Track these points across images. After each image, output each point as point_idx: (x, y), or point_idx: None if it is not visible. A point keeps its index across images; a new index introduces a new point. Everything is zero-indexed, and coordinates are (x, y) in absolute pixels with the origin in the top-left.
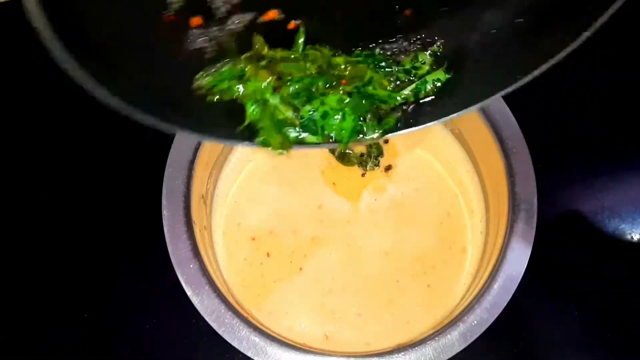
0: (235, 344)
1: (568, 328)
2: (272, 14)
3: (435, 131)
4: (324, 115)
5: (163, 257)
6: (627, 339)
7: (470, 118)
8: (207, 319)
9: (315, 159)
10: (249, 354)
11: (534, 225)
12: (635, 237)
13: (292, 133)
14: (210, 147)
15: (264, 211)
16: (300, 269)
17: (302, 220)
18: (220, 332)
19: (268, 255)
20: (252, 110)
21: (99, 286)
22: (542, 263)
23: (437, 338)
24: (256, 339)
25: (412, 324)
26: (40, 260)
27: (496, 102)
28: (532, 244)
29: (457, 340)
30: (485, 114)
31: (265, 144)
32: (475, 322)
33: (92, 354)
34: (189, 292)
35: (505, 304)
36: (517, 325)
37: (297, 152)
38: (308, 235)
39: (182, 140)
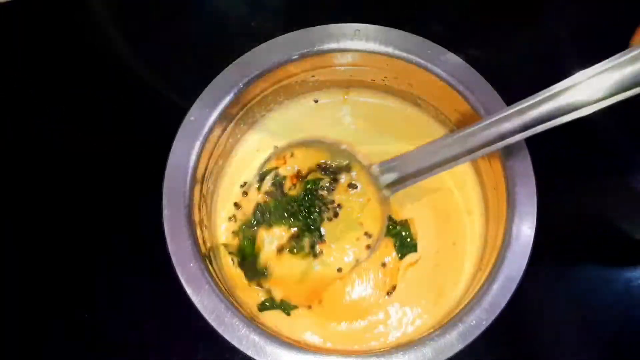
0: (235, 342)
1: (568, 328)
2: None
3: (435, 131)
4: None
5: (163, 257)
6: (627, 339)
7: (470, 118)
8: (207, 318)
9: None
10: (249, 353)
11: (534, 225)
12: (636, 237)
13: None
14: (211, 147)
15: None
16: None
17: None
18: (220, 331)
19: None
20: None
21: (100, 286)
22: (542, 263)
23: (436, 338)
24: (256, 338)
25: (412, 325)
26: (40, 260)
27: (496, 103)
28: (531, 244)
29: (456, 340)
30: (485, 113)
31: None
32: (474, 322)
33: (92, 353)
34: (189, 292)
35: (504, 304)
36: (517, 325)
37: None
38: None
39: (183, 140)
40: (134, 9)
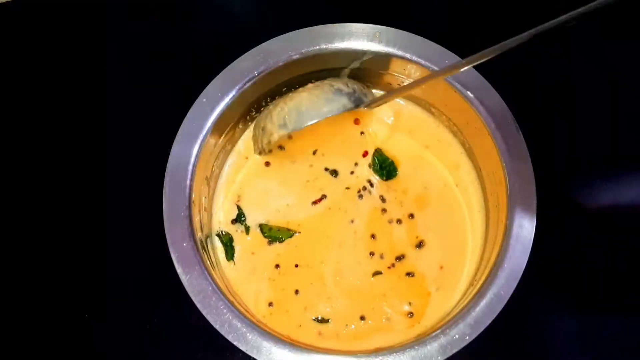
0: (217, 326)
1: (568, 328)
2: None
3: (434, 130)
4: None
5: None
6: (626, 339)
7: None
8: (193, 299)
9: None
10: (229, 338)
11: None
12: (635, 237)
13: None
14: (220, 129)
15: (266, 204)
16: (296, 265)
17: (300, 221)
18: (204, 313)
19: (263, 245)
20: None
21: (100, 286)
22: (542, 263)
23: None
24: (238, 323)
25: (408, 327)
26: (40, 260)
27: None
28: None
29: (436, 351)
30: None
31: None
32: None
33: (92, 354)
34: (179, 270)
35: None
36: (517, 324)
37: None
38: (306, 236)
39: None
40: (134, 9)
